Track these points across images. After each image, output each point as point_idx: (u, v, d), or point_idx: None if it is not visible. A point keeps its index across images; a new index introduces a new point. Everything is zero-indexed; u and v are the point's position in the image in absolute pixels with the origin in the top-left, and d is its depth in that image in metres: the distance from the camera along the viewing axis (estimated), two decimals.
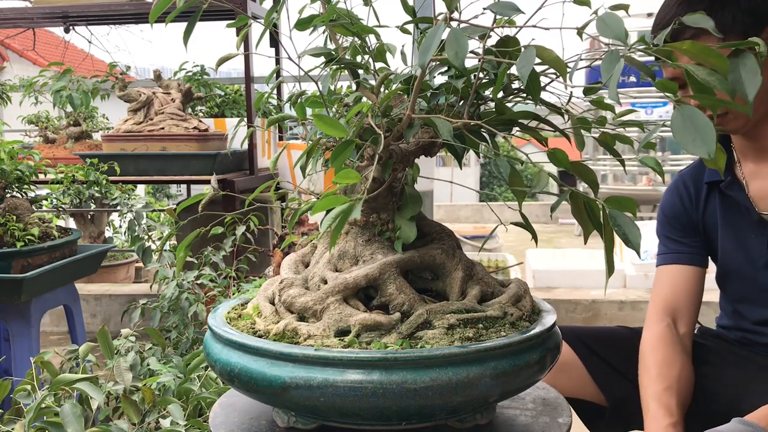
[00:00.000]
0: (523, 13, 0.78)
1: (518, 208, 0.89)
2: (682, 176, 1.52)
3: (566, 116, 0.86)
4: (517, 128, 0.91)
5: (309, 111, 1.05)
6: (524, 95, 0.90)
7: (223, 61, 1.04)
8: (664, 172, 0.80)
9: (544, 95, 0.85)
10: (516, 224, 0.93)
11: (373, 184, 0.90)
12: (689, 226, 1.48)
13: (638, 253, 0.73)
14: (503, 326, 0.87)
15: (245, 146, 3.25)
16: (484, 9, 0.82)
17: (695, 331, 1.55)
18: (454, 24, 0.77)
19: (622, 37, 0.68)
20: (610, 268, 0.76)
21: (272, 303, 0.94)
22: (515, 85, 0.90)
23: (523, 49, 0.77)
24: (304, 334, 0.85)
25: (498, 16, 0.81)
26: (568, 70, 0.80)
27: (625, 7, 0.74)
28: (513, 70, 0.82)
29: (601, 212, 0.75)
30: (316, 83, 0.98)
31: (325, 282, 0.91)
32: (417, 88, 0.81)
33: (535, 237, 0.92)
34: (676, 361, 1.36)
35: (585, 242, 0.83)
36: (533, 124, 0.91)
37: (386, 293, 0.89)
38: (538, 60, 0.75)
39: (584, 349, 1.50)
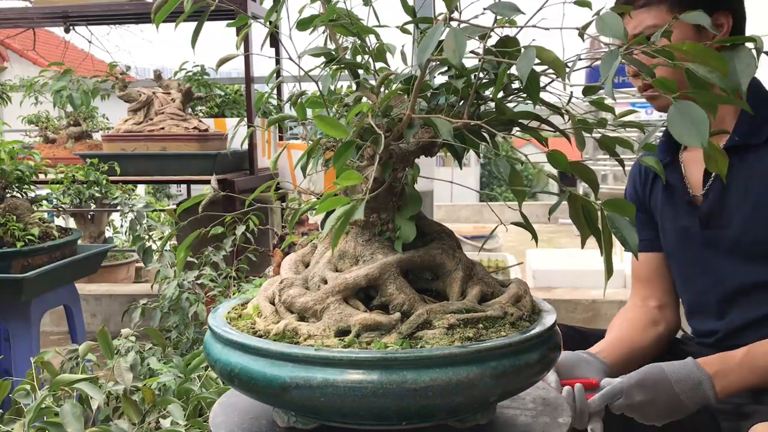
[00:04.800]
0: (523, 13, 0.78)
1: (518, 208, 0.89)
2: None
3: (566, 117, 0.86)
4: (517, 128, 0.91)
5: (309, 111, 1.05)
6: (524, 95, 0.90)
7: (223, 61, 1.04)
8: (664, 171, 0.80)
9: (544, 95, 0.85)
10: (516, 224, 0.93)
11: (374, 184, 0.89)
12: (642, 209, 1.53)
13: (636, 256, 0.74)
14: (503, 326, 0.87)
15: (245, 146, 3.25)
16: (485, 9, 0.82)
17: (679, 337, 1.57)
18: (454, 24, 0.77)
19: (621, 36, 0.69)
20: (609, 270, 0.76)
21: (272, 303, 0.94)
22: (515, 85, 0.90)
23: (523, 49, 0.77)
24: (304, 334, 0.85)
25: (498, 17, 0.81)
26: (567, 70, 0.80)
27: (628, 10, 0.74)
28: (513, 70, 0.82)
29: (599, 215, 0.75)
30: (316, 83, 0.98)
31: (326, 282, 0.91)
32: (417, 87, 0.81)
33: (535, 237, 0.92)
34: (635, 319, 1.49)
35: (582, 246, 0.83)
36: (534, 124, 0.91)
37: (386, 293, 0.89)
38: (537, 60, 0.75)
39: None
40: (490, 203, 4.64)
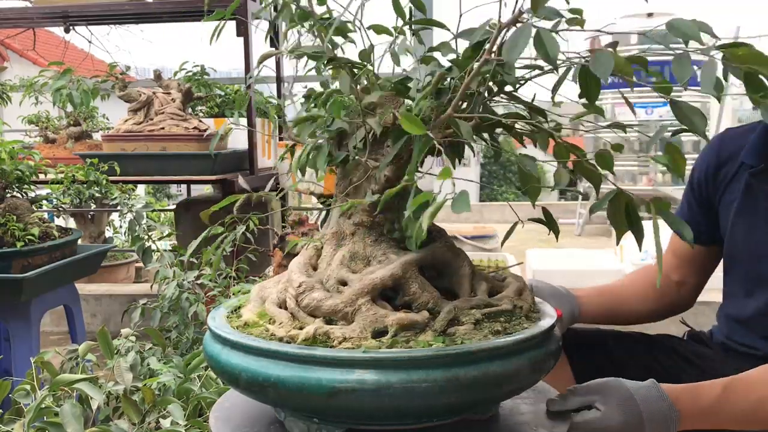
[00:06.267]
0: (562, 17, 0.78)
1: (532, 205, 0.90)
2: (723, 139, 1.41)
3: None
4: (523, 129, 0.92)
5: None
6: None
7: (265, 58, 1.05)
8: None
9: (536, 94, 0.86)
10: (535, 221, 0.93)
11: (386, 183, 0.90)
12: (702, 200, 1.42)
13: (692, 246, 0.74)
14: (520, 318, 0.89)
15: (245, 146, 3.26)
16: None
17: (684, 337, 1.52)
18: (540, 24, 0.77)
19: (698, 37, 0.70)
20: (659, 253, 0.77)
21: (282, 308, 0.92)
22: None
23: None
24: (338, 337, 0.82)
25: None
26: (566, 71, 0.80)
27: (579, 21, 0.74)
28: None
29: (652, 210, 0.76)
30: (324, 84, 0.99)
31: (344, 283, 0.90)
32: (463, 90, 0.81)
33: (556, 233, 0.94)
34: (644, 286, 1.44)
35: (617, 243, 0.85)
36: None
37: (409, 292, 0.88)
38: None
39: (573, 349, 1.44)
40: (489, 203, 4.63)
